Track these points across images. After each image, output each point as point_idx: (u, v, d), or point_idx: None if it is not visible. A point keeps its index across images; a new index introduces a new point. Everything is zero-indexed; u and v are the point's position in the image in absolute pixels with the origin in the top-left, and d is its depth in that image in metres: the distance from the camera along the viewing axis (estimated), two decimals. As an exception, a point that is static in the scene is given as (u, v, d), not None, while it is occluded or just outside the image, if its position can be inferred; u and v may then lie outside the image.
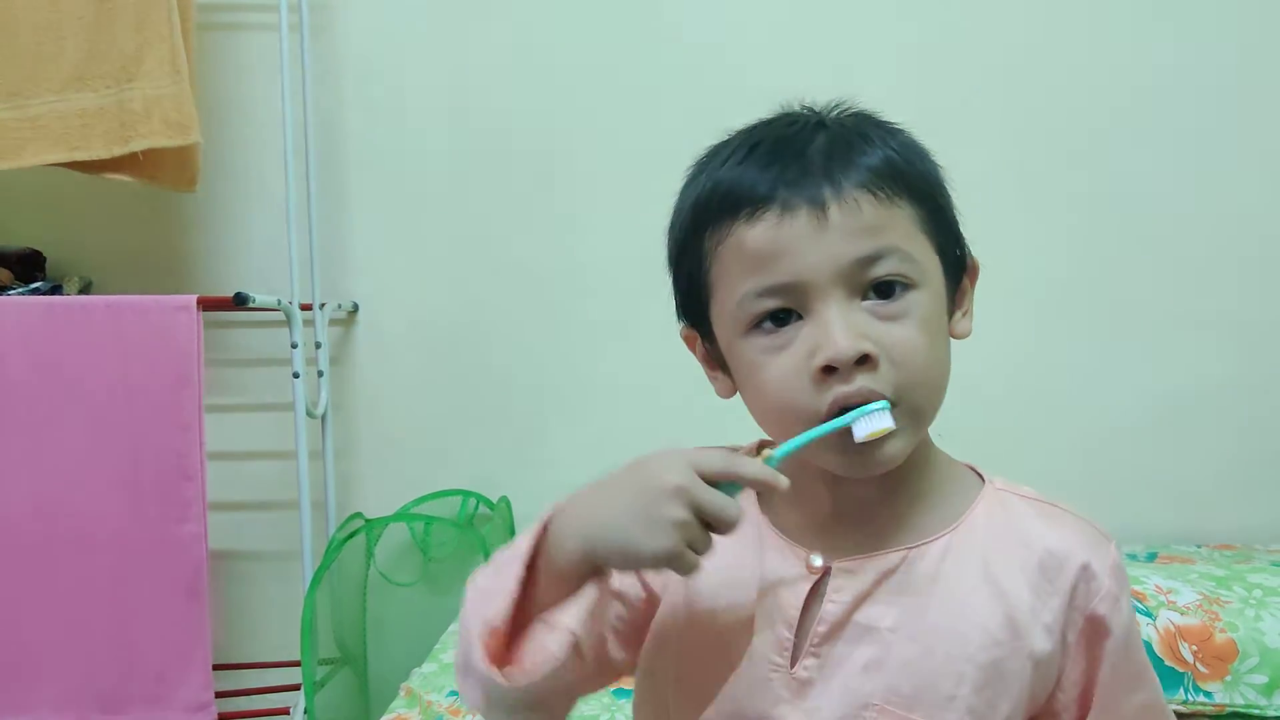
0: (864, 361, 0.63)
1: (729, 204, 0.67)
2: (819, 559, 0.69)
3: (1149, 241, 1.85)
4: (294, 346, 1.78)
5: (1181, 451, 1.85)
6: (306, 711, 1.70)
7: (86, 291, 1.89)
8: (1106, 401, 1.86)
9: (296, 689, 1.78)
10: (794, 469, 0.73)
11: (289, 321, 1.78)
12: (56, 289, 1.84)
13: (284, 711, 1.80)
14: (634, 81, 1.91)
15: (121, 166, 1.71)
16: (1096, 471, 1.84)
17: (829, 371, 0.63)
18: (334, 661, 1.84)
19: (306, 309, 1.86)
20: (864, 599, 0.68)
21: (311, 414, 1.85)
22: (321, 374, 1.90)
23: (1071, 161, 1.85)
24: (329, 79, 1.94)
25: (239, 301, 1.64)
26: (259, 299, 1.68)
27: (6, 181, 1.76)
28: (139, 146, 1.66)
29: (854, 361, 0.63)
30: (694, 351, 0.76)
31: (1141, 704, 0.71)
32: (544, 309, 1.94)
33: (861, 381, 0.63)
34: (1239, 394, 1.84)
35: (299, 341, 1.78)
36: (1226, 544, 1.78)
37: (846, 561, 0.69)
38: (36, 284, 1.83)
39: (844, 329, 0.63)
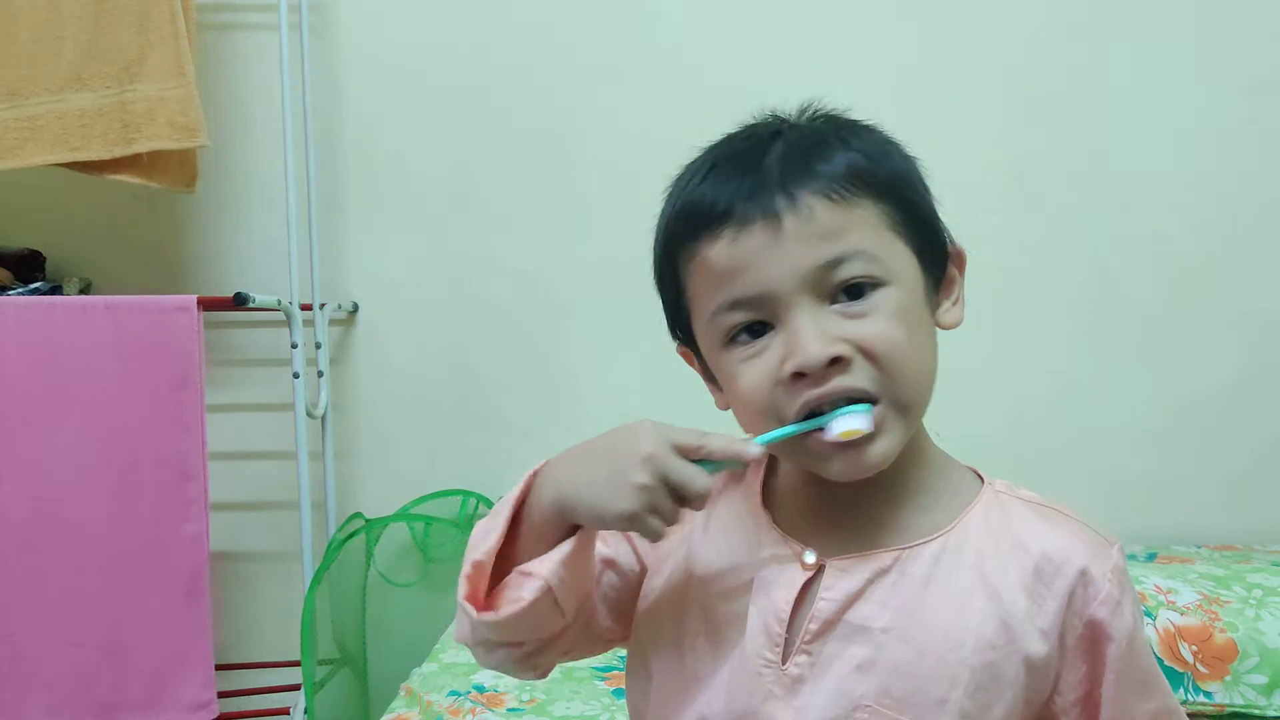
0: (837, 363, 0.64)
1: (692, 224, 0.68)
2: (812, 555, 0.70)
3: (1149, 243, 1.85)
4: (294, 347, 1.78)
5: (1182, 452, 1.86)
6: (306, 711, 1.70)
7: (86, 292, 1.89)
8: (1107, 403, 1.86)
9: (296, 689, 1.78)
10: (794, 467, 0.74)
11: (289, 321, 1.78)
12: (56, 289, 1.84)
13: (284, 711, 1.80)
14: (633, 82, 1.91)
15: (122, 167, 1.71)
16: (1097, 472, 1.84)
17: (800, 377, 0.64)
18: (334, 661, 1.84)
19: (306, 309, 1.86)
20: (856, 598, 0.68)
21: (311, 414, 1.85)
22: (321, 374, 1.90)
23: (1072, 162, 1.85)
24: (329, 79, 1.94)
25: (239, 301, 1.64)
26: (259, 299, 1.68)
27: (6, 181, 1.76)
28: (144, 148, 1.66)
29: (825, 365, 0.64)
30: (692, 366, 0.77)
31: (1153, 713, 0.70)
32: (544, 309, 1.94)
33: (838, 382, 0.64)
34: (1239, 395, 1.84)
35: (299, 342, 1.78)
36: (1226, 544, 1.78)
37: (840, 560, 0.69)
38: (36, 284, 1.83)
39: (814, 335, 0.64)
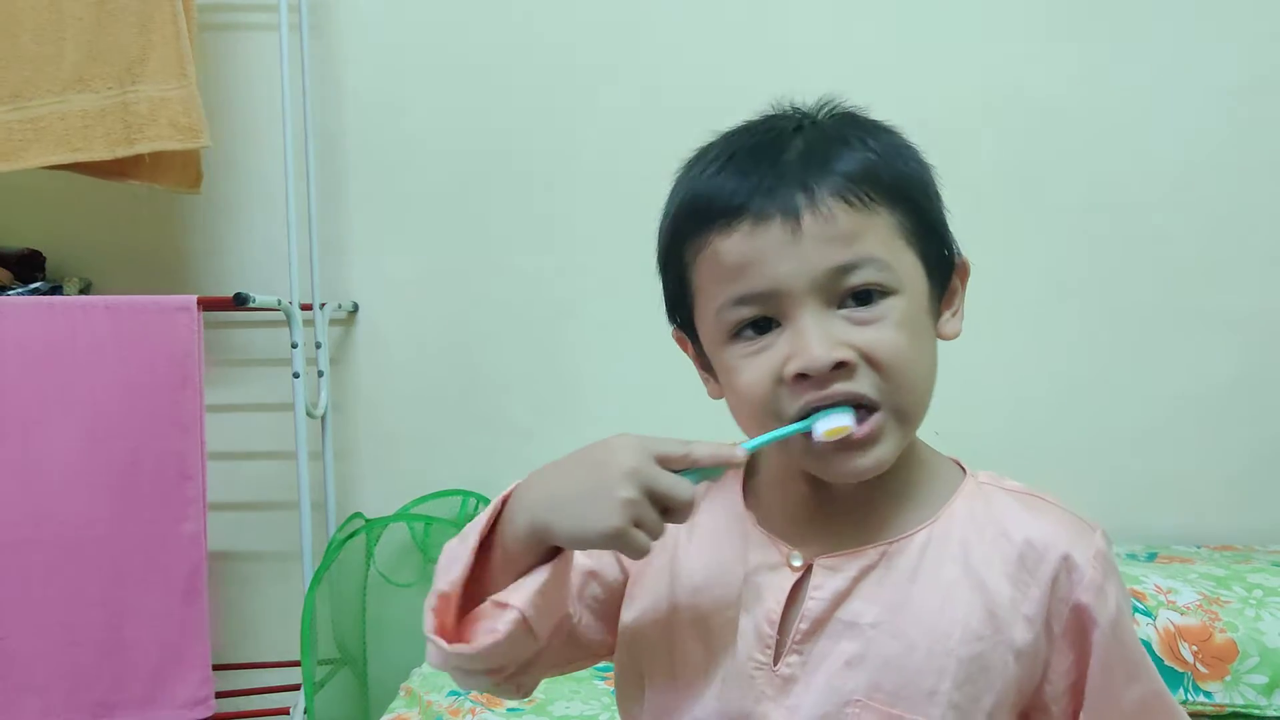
0: (841, 368, 0.64)
1: (706, 215, 0.67)
2: (799, 557, 0.70)
3: (1149, 244, 1.85)
4: (294, 346, 1.78)
5: (1181, 452, 1.86)
6: (306, 711, 1.70)
7: (86, 292, 1.88)
8: (1107, 403, 1.86)
9: (296, 689, 1.78)
10: (779, 466, 0.74)
11: (289, 321, 1.78)
12: (56, 289, 1.84)
13: (284, 711, 1.80)
14: (634, 82, 1.91)
15: (125, 171, 1.71)
16: (1097, 472, 1.84)
17: (803, 378, 0.64)
18: (334, 661, 1.84)
19: (306, 309, 1.86)
20: (845, 596, 0.68)
21: (311, 414, 1.85)
22: (321, 374, 1.90)
23: (1072, 162, 1.85)
24: (329, 79, 1.94)
25: (239, 301, 1.64)
26: (259, 299, 1.68)
27: (6, 182, 1.76)
28: (146, 149, 1.65)
29: (829, 369, 0.63)
30: (686, 352, 0.77)
31: (1140, 696, 0.70)
32: (544, 309, 1.94)
33: (840, 387, 0.64)
34: (1239, 395, 1.84)
35: (299, 341, 1.78)
36: (1226, 544, 1.78)
37: (828, 558, 0.69)
38: (36, 284, 1.83)
39: (819, 338, 0.64)
